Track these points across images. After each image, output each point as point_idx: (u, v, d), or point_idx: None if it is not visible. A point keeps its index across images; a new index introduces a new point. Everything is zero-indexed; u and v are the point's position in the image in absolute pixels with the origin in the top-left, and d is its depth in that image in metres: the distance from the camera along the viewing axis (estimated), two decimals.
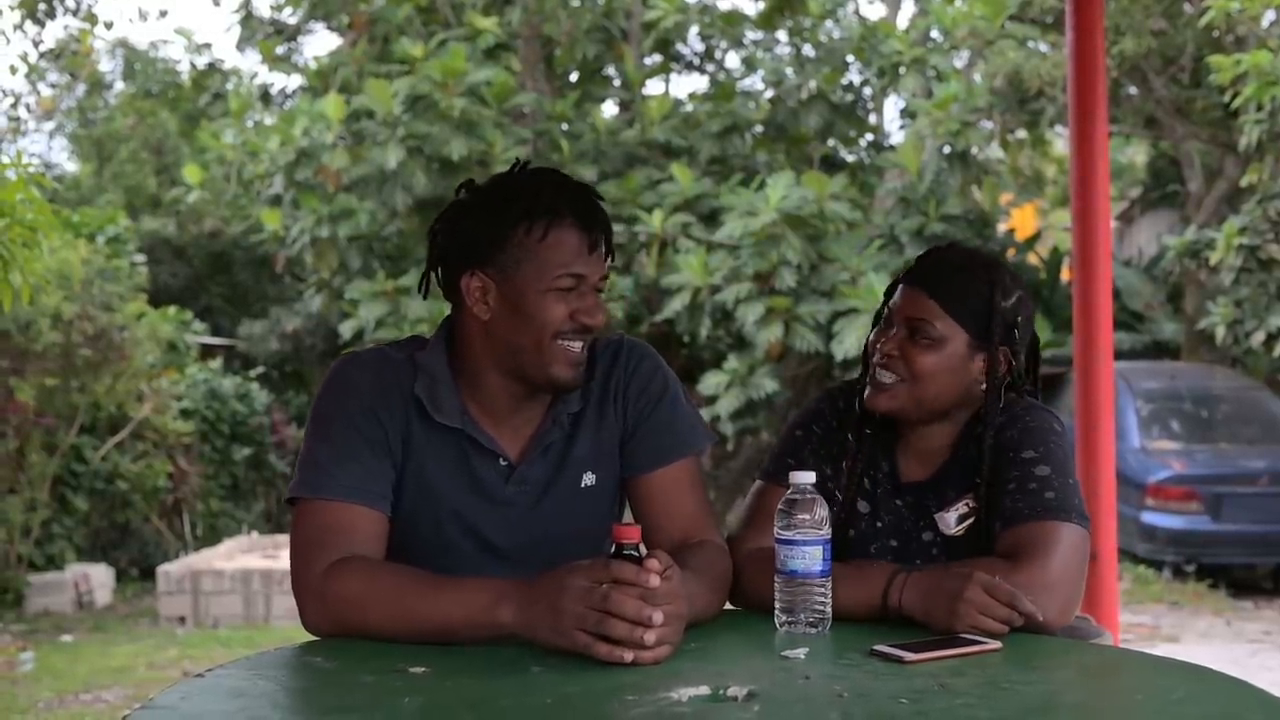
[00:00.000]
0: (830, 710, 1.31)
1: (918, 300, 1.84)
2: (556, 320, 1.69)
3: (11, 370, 7.92)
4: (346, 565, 1.63)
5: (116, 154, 14.62)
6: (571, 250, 1.69)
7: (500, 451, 1.77)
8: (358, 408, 1.72)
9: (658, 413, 1.81)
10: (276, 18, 13.87)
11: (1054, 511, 1.73)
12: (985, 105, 10.64)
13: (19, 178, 3.78)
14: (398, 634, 1.57)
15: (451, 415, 1.74)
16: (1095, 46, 3.55)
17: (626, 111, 12.70)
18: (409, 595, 1.58)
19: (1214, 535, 8.08)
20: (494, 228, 1.71)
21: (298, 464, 1.73)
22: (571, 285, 1.70)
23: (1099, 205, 3.55)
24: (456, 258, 1.74)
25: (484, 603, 1.53)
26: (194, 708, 1.35)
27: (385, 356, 1.78)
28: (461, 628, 1.54)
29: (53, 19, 6.85)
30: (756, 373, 10.18)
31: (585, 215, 1.71)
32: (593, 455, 1.80)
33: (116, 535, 8.92)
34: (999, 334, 1.85)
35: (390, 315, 10.75)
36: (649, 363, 1.84)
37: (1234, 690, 1.39)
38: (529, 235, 1.69)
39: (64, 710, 5.34)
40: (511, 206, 1.71)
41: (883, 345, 1.85)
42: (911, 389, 1.83)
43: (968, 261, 1.88)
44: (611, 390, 1.81)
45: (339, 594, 1.61)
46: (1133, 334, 11.07)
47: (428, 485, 1.75)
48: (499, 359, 1.74)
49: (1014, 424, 1.84)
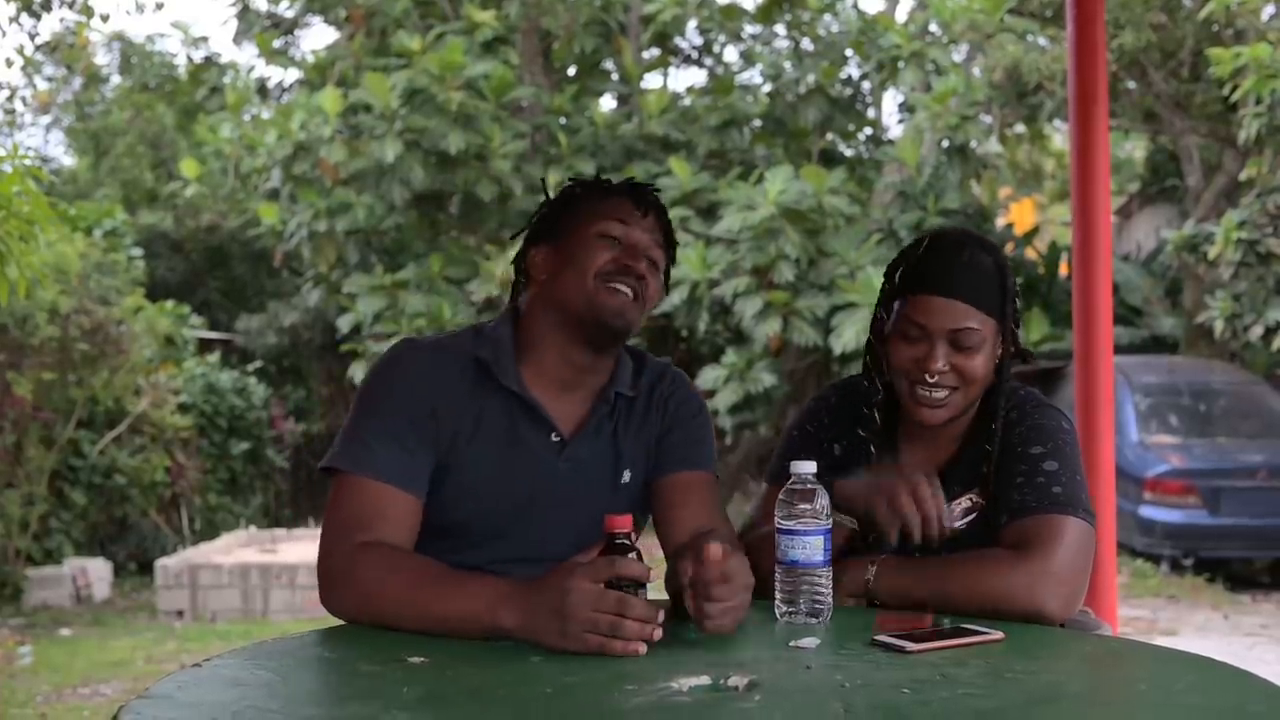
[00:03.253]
0: (832, 700, 1.30)
1: (952, 309, 1.80)
2: (600, 261, 1.77)
3: (9, 364, 7.91)
4: (373, 552, 1.65)
5: (113, 148, 14.59)
6: (619, 207, 1.81)
7: (554, 424, 1.80)
8: (407, 391, 1.75)
9: (691, 425, 1.88)
10: (274, 11, 13.85)
11: (1061, 505, 1.73)
12: (984, 99, 10.63)
13: (15, 171, 3.77)
14: (406, 624, 1.59)
15: (509, 378, 1.78)
16: (1096, 40, 3.54)
17: (625, 105, 12.69)
18: (423, 588, 1.60)
19: (1212, 529, 8.09)
20: (556, 207, 1.88)
21: (341, 435, 1.76)
22: (618, 238, 1.79)
23: (1099, 200, 3.53)
24: (528, 242, 1.88)
25: (484, 604, 1.54)
26: (191, 697, 1.34)
27: (442, 341, 1.84)
28: (465, 624, 1.55)
29: (49, 12, 6.82)
30: (755, 367, 10.18)
31: (636, 188, 1.85)
32: (633, 455, 1.85)
33: (114, 529, 8.92)
34: (1012, 313, 1.86)
35: (388, 309, 10.75)
36: (687, 389, 1.93)
37: (1237, 680, 1.39)
38: (583, 202, 1.84)
39: (62, 704, 5.34)
40: (571, 188, 1.90)
41: (930, 365, 1.80)
42: (965, 394, 1.83)
43: (970, 248, 1.85)
44: (655, 401, 1.88)
45: (361, 580, 1.63)
46: (1131, 329, 11.07)
47: (480, 459, 1.76)
48: (554, 316, 1.80)
49: (1023, 420, 1.84)
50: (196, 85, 15.22)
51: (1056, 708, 1.32)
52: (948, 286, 1.80)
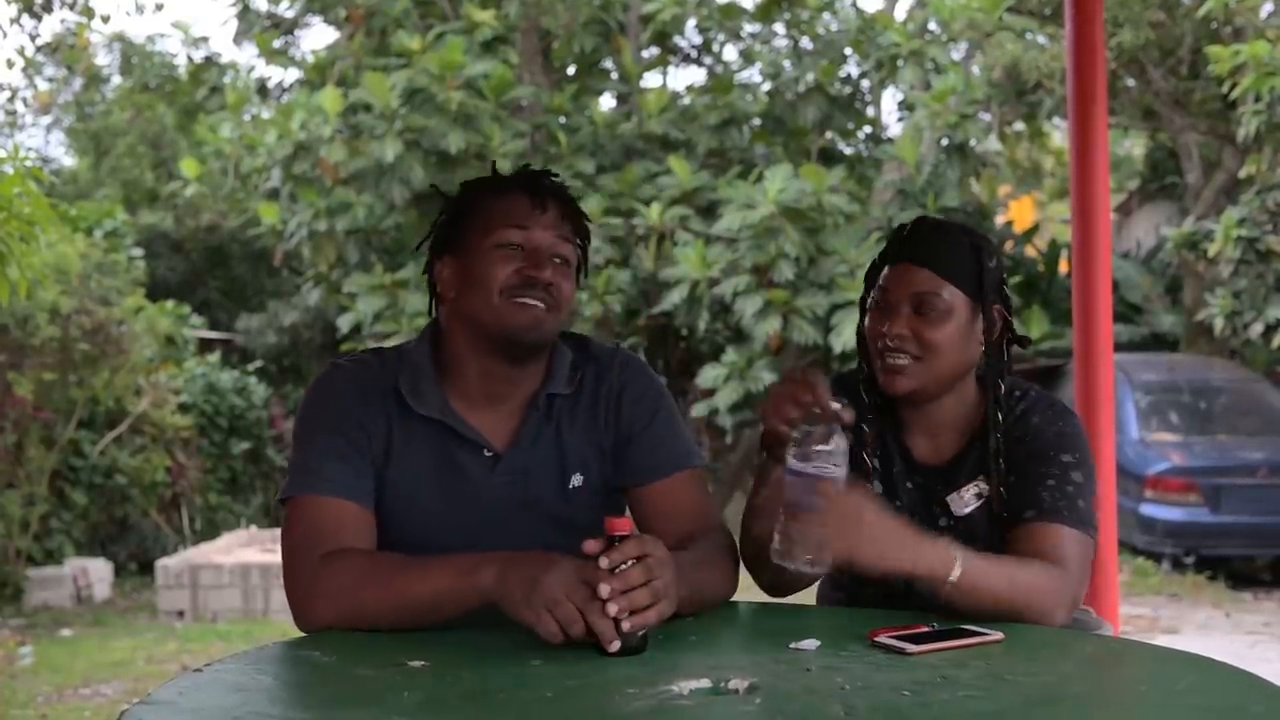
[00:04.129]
0: (832, 702, 1.30)
1: (917, 275, 1.82)
2: (503, 276, 1.70)
3: (9, 365, 7.91)
4: (339, 556, 1.63)
5: (114, 148, 14.59)
6: (514, 210, 1.73)
7: (484, 442, 1.76)
8: (340, 410, 1.73)
9: (654, 425, 1.80)
10: (274, 11, 13.85)
11: (1082, 523, 1.75)
12: (983, 97, 10.63)
13: (16, 172, 3.77)
14: (391, 616, 1.57)
15: (431, 406, 1.74)
16: (1095, 38, 3.54)
17: (624, 104, 12.69)
18: (399, 574, 1.58)
19: (1213, 527, 8.09)
20: (453, 215, 1.80)
21: (289, 467, 1.74)
22: (519, 244, 1.72)
23: (1098, 198, 3.53)
24: (431, 254, 1.82)
25: (468, 566, 1.53)
26: (192, 702, 1.34)
27: (367, 361, 1.79)
28: (448, 597, 1.54)
29: (49, 13, 6.83)
30: (755, 365, 10.18)
31: (530, 183, 1.75)
32: (581, 457, 1.78)
33: (115, 529, 8.92)
34: (992, 292, 1.85)
35: (388, 308, 10.75)
36: (642, 376, 1.83)
37: (1237, 680, 1.39)
38: (476, 206, 1.76)
39: (63, 704, 5.34)
40: (465, 192, 1.81)
41: (890, 328, 1.82)
42: (928, 365, 1.82)
43: (946, 227, 1.90)
44: (602, 396, 1.80)
45: (333, 583, 1.60)
46: (1131, 326, 11.06)
47: (410, 484, 1.74)
48: (468, 334, 1.75)
49: (1052, 424, 1.83)
50: (197, 85, 15.23)
51: (1057, 709, 1.32)
52: (915, 255, 1.84)
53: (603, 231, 10.44)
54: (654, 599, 1.45)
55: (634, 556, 1.46)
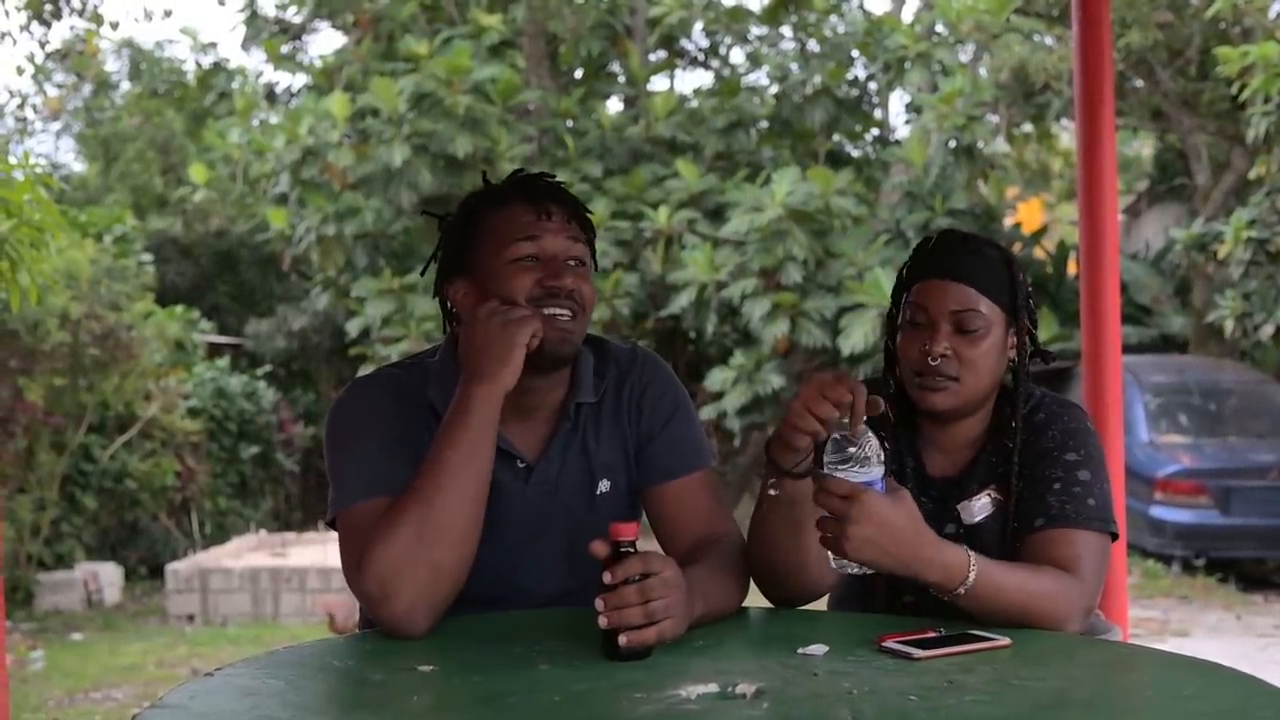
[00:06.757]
0: (840, 707, 1.30)
1: (957, 292, 1.80)
2: (523, 290, 1.69)
3: (20, 370, 7.94)
4: (370, 544, 1.59)
5: (123, 153, 14.63)
6: (521, 223, 1.72)
7: (516, 453, 1.76)
8: (379, 423, 1.71)
9: (672, 426, 1.80)
10: (281, 16, 13.88)
11: (1093, 521, 1.74)
12: (991, 99, 10.62)
13: (26, 178, 3.79)
14: (446, 516, 1.58)
15: None
16: (1102, 39, 3.54)
17: (631, 108, 12.69)
18: (418, 485, 1.60)
19: (1223, 529, 8.06)
20: (458, 236, 1.78)
21: (330, 487, 1.72)
22: (533, 255, 1.71)
23: (1106, 199, 3.53)
24: (440, 278, 1.80)
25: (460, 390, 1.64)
26: (204, 706, 1.35)
27: (394, 375, 1.79)
28: (461, 427, 1.61)
29: (59, 19, 6.85)
30: (763, 368, 10.18)
31: (530, 190, 1.75)
32: (607, 463, 1.79)
33: (125, 534, 8.94)
34: (1024, 308, 1.84)
35: (397, 313, 10.77)
36: (662, 375, 1.84)
37: (1244, 686, 1.39)
38: (484, 226, 1.74)
39: (74, 708, 5.36)
40: (466, 211, 1.78)
41: (932, 348, 1.79)
42: (967, 383, 1.81)
43: (976, 240, 1.87)
44: (624, 399, 1.81)
45: (382, 556, 1.57)
46: (1140, 328, 11.03)
47: None
48: None
49: (1054, 423, 1.82)
50: (205, 91, 15.27)
51: (1064, 714, 1.32)
52: (951, 271, 1.81)
53: (610, 235, 10.44)
54: (648, 619, 1.45)
55: (637, 574, 1.46)
